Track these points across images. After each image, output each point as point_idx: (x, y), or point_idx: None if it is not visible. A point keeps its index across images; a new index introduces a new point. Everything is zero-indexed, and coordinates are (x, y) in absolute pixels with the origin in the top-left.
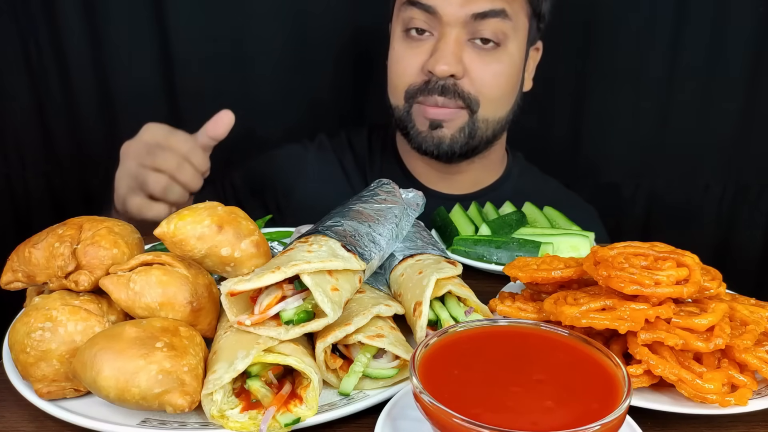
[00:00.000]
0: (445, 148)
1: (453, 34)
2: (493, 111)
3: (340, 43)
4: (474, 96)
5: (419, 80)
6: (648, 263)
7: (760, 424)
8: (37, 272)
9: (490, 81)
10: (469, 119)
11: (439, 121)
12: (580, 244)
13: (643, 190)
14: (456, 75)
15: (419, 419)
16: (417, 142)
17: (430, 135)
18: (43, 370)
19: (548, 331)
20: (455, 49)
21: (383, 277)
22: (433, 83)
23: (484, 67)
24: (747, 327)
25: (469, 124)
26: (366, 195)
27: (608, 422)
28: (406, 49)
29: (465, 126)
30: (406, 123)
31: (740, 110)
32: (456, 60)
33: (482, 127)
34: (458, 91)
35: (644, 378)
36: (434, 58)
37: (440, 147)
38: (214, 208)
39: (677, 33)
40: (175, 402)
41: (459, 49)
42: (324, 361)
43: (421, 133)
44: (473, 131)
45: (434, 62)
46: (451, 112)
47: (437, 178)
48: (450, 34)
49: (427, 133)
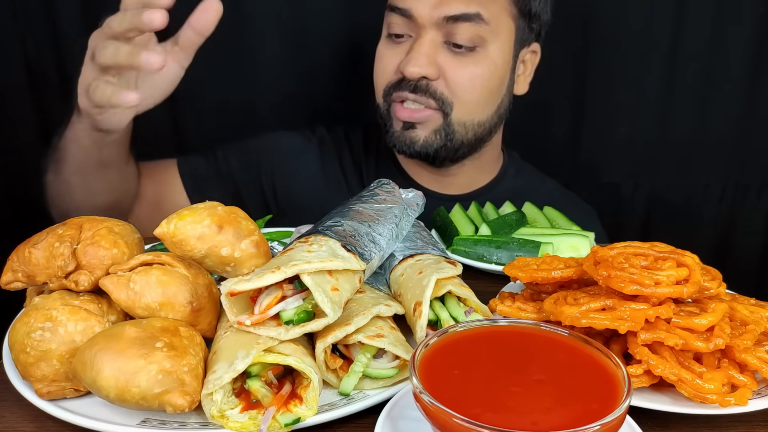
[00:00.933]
0: (417, 149)
1: (428, 36)
2: (469, 114)
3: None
4: (447, 97)
5: (395, 78)
6: (648, 263)
7: (760, 424)
8: (37, 272)
9: (466, 84)
10: (443, 122)
11: (411, 123)
12: (580, 244)
13: (643, 190)
14: (429, 76)
15: (419, 419)
16: (392, 141)
17: (404, 135)
18: (43, 370)
19: (548, 331)
20: (429, 50)
21: (383, 277)
22: (405, 81)
23: (459, 70)
24: (747, 327)
25: (444, 127)
26: (366, 195)
27: (608, 422)
28: (386, 50)
29: (440, 128)
30: (386, 122)
31: (740, 110)
32: (428, 61)
33: (459, 131)
34: (430, 91)
35: (644, 378)
36: (407, 59)
37: (412, 147)
38: (214, 208)
39: (677, 33)
40: (175, 402)
41: (434, 50)
42: (324, 361)
43: (395, 132)
44: (449, 134)
45: (405, 63)
46: (424, 115)
47: (430, 179)
48: (424, 36)
49: (400, 133)
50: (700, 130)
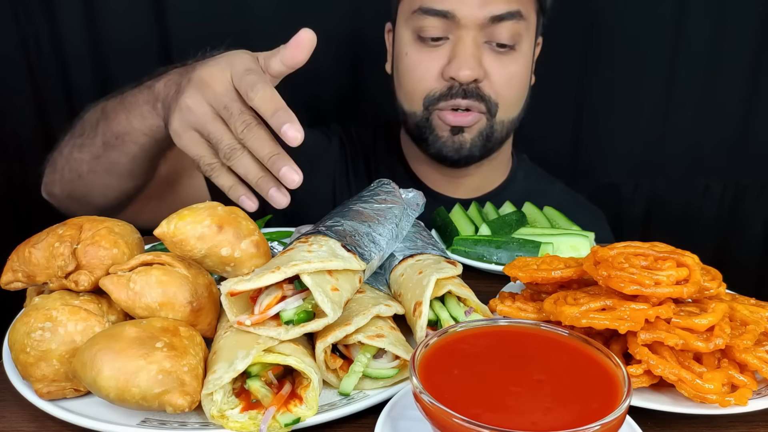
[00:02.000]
0: (465, 153)
1: (470, 37)
2: (509, 112)
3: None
4: (494, 99)
5: (439, 86)
6: (648, 263)
7: (760, 424)
8: (37, 272)
9: (508, 83)
10: (487, 123)
11: (461, 127)
12: (580, 244)
13: (643, 190)
14: (479, 78)
15: (419, 419)
16: (436, 148)
17: (451, 140)
18: (43, 370)
19: (548, 331)
20: (475, 51)
21: (383, 277)
22: (456, 88)
23: (501, 70)
24: (747, 327)
25: (487, 128)
26: (366, 195)
27: (608, 422)
28: (422, 55)
29: (484, 130)
30: (424, 130)
31: (740, 110)
32: (477, 63)
33: (498, 129)
34: (481, 94)
35: (644, 378)
36: (456, 64)
37: (461, 152)
38: (214, 208)
39: (677, 33)
40: (175, 402)
41: (478, 52)
42: (324, 361)
43: (441, 138)
44: (490, 134)
45: (457, 68)
46: (472, 118)
47: (443, 182)
48: (467, 37)
49: (447, 138)
50: (700, 130)
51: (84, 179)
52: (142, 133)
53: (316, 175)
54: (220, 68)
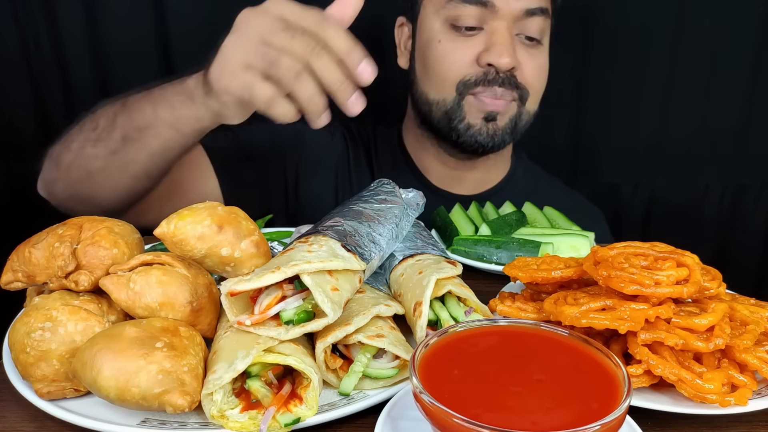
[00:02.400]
0: (497, 141)
1: (505, 27)
2: (534, 104)
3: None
4: (526, 88)
5: (474, 71)
6: (648, 263)
7: (760, 424)
8: (37, 272)
9: (536, 75)
10: (517, 110)
11: (495, 113)
12: (580, 244)
13: (643, 190)
14: (515, 67)
15: (419, 419)
16: (469, 135)
17: (485, 127)
18: (43, 370)
19: (548, 331)
20: (511, 41)
21: (383, 277)
22: (493, 75)
23: (531, 61)
24: (747, 327)
25: (516, 116)
26: (366, 195)
27: (608, 422)
28: (456, 43)
29: (514, 117)
30: (455, 116)
31: (740, 110)
32: (513, 52)
33: (525, 119)
34: (516, 83)
35: (644, 378)
36: (496, 51)
37: (494, 139)
38: (214, 208)
39: (677, 33)
40: (175, 402)
41: (513, 42)
42: (324, 361)
43: (473, 125)
44: (518, 122)
45: (497, 55)
46: (505, 104)
47: (447, 176)
48: (503, 27)
49: (482, 125)
50: (700, 130)
51: (94, 178)
52: (168, 125)
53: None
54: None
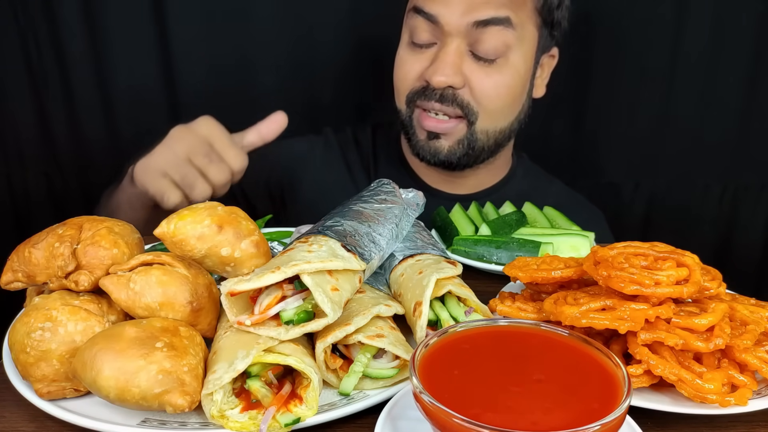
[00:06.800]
0: (441, 158)
1: (453, 45)
2: (493, 122)
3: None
4: (473, 107)
5: (418, 85)
6: (648, 263)
7: (760, 424)
8: (37, 272)
9: (490, 92)
10: (467, 131)
11: (436, 133)
12: (580, 244)
13: (643, 190)
14: (454, 85)
15: (419, 419)
16: (416, 149)
17: (428, 145)
18: (43, 370)
19: (548, 331)
20: (455, 59)
21: (383, 277)
22: (431, 90)
23: (484, 79)
24: (747, 327)
25: (467, 136)
26: (366, 195)
27: (608, 422)
28: (410, 55)
29: (464, 138)
30: (409, 128)
31: (740, 110)
32: (455, 71)
33: (482, 138)
34: (457, 100)
35: (644, 378)
36: (433, 68)
37: (437, 157)
38: (214, 208)
39: (677, 33)
40: (175, 402)
41: (459, 59)
42: (324, 361)
43: (419, 141)
44: (472, 142)
45: (432, 72)
46: (449, 126)
47: (440, 179)
48: (450, 44)
49: (425, 142)
50: (700, 130)
51: None
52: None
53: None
54: (188, 129)
